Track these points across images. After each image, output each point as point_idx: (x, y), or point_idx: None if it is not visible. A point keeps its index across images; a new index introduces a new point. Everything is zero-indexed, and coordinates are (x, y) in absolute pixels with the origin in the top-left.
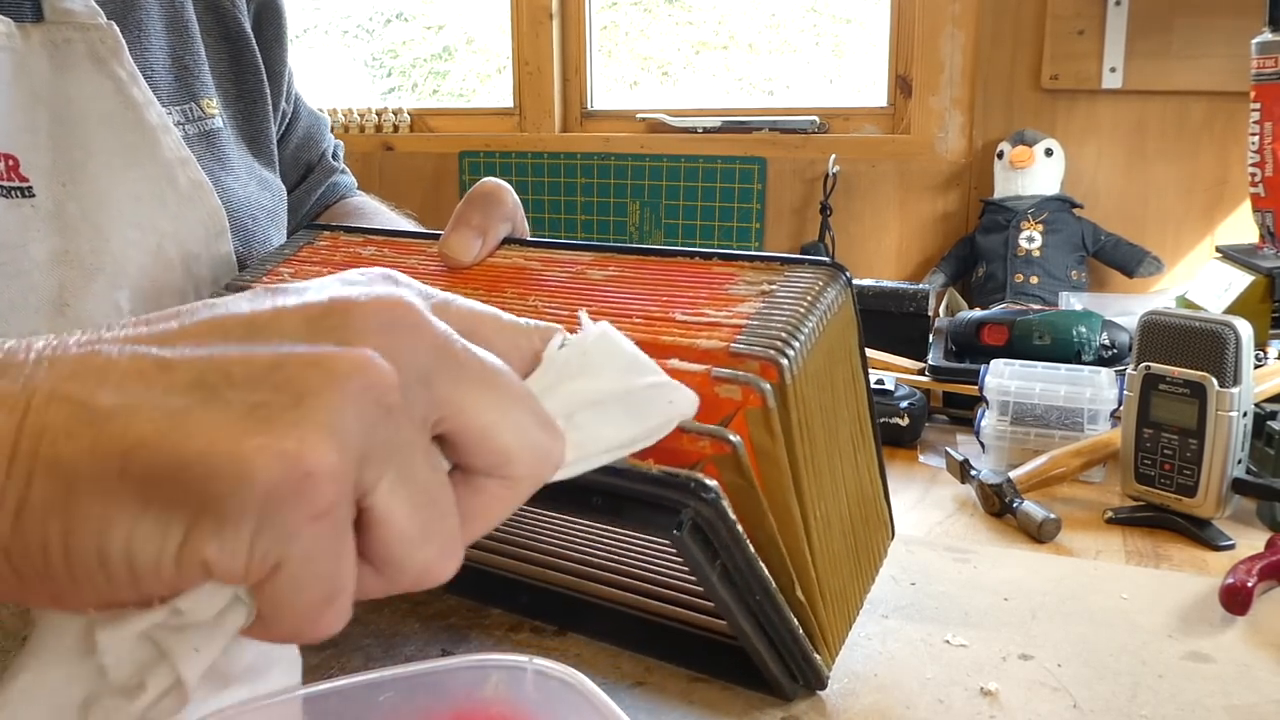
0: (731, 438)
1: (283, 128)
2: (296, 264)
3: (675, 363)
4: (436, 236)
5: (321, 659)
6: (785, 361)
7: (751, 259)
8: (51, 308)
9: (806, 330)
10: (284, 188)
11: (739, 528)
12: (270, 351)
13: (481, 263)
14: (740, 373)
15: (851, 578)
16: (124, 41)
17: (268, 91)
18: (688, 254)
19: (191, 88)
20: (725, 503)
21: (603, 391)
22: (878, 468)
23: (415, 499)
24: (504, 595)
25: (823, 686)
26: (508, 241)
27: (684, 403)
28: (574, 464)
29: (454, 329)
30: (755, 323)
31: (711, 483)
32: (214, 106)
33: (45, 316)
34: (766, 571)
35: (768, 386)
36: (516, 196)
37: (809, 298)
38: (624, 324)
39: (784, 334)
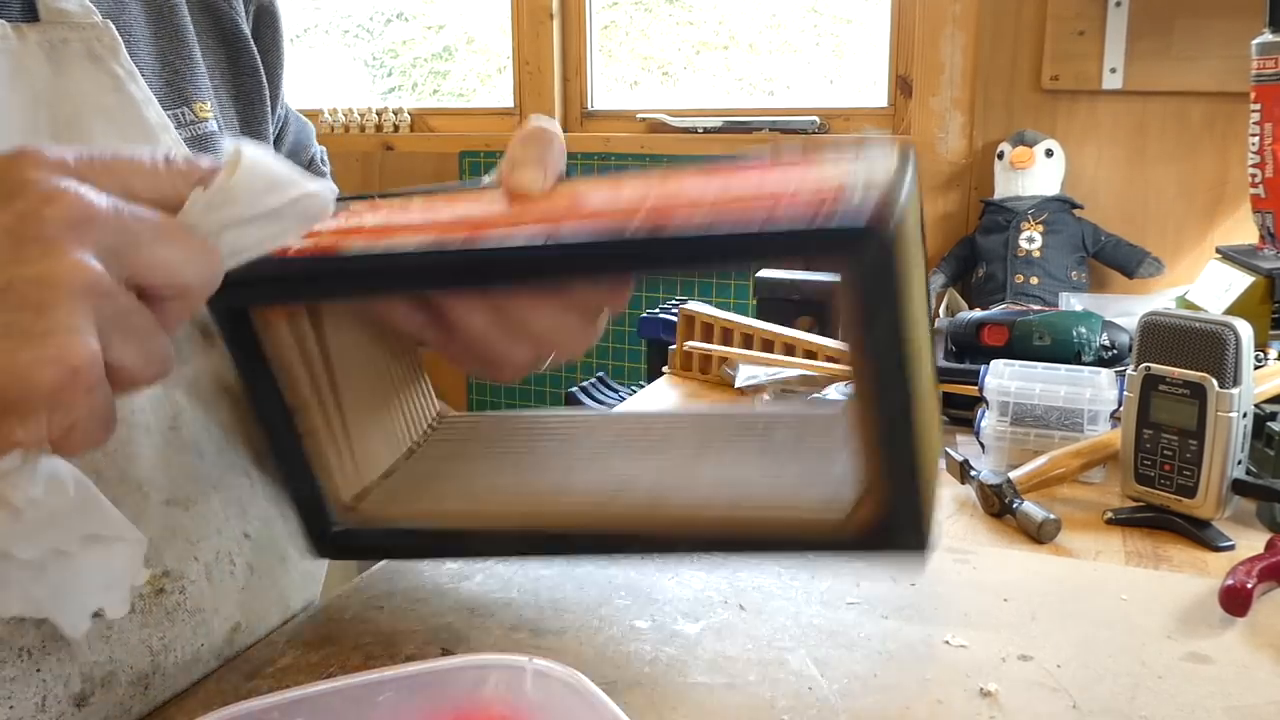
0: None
1: (276, 133)
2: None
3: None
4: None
5: (321, 658)
6: (898, 200)
7: (823, 146)
8: None
9: (908, 179)
10: None
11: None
12: None
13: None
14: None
15: (935, 451)
16: (120, 39)
17: (266, 95)
18: (753, 157)
19: (183, 91)
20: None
21: (244, 215)
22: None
23: (136, 343)
24: (558, 546)
25: (926, 545)
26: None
27: (316, 208)
28: (230, 259)
29: (99, 182)
30: (857, 175)
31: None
32: (208, 110)
33: None
34: (912, 345)
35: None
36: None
37: (899, 160)
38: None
39: (890, 180)
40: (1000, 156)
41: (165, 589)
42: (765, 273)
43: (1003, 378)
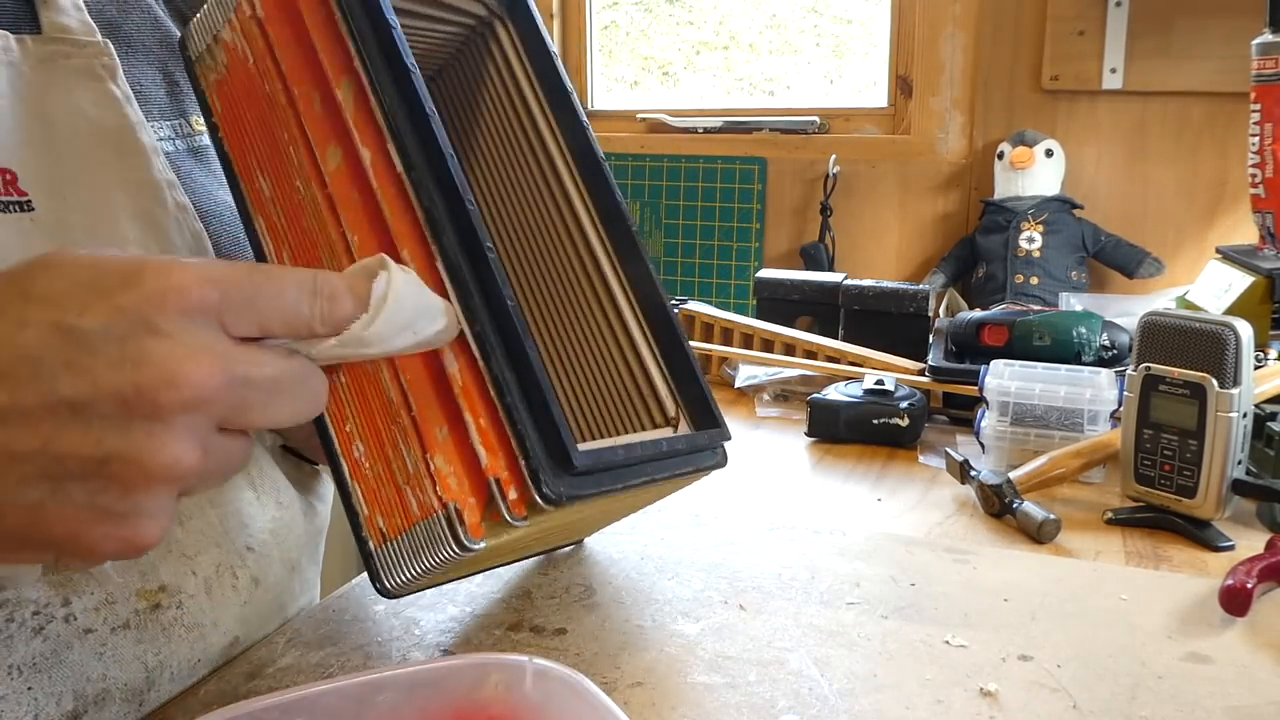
0: None
1: None
2: None
3: None
4: None
5: (321, 658)
6: None
7: None
8: None
9: None
10: None
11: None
12: (96, 443)
13: None
14: None
15: None
16: (119, 60)
17: None
18: None
19: (182, 104)
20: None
21: (370, 354)
22: None
23: (215, 477)
24: None
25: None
26: None
27: (450, 332)
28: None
29: (235, 320)
30: None
31: None
32: (202, 124)
33: None
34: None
35: None
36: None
37: None
38: None
39: None
40: (1000, 156)
41: (162, 604)
42: (765, 273)
43: (1003, 378)
